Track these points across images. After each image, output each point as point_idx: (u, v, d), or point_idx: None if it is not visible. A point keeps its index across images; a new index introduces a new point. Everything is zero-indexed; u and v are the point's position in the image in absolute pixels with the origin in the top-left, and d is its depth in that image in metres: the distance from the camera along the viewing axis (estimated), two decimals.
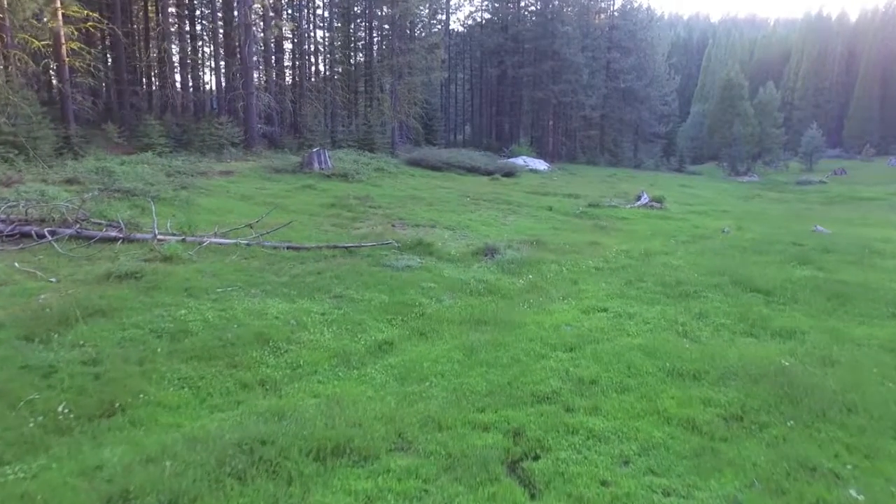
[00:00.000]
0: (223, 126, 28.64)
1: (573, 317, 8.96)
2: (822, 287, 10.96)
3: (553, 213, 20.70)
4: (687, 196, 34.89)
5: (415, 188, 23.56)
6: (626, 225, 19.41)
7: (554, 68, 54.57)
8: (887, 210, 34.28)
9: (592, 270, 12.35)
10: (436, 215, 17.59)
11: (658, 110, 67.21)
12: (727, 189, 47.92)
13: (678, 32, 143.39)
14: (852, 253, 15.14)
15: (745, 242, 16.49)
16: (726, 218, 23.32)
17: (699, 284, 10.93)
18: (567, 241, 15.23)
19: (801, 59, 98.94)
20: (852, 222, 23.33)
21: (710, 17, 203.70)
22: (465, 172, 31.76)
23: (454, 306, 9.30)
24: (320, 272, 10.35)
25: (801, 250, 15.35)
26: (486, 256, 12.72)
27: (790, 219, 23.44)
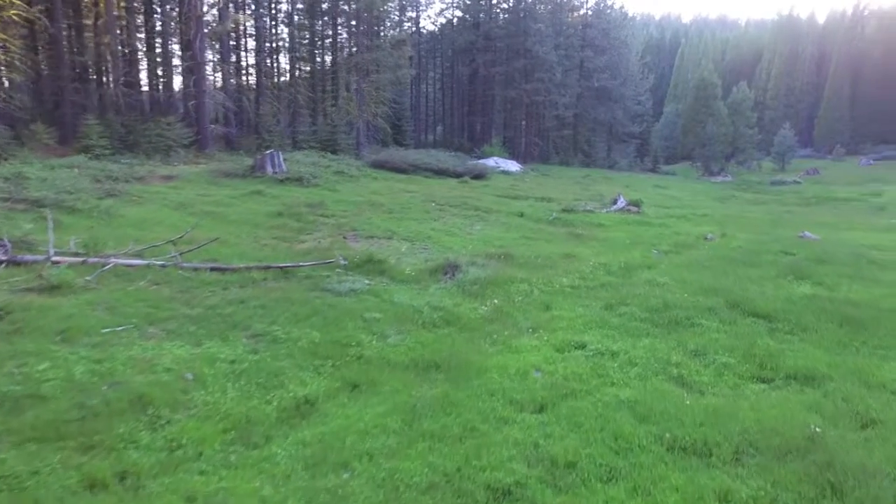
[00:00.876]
0: (172, 126, 26.64)
1: (545, 356, 7.36)
2: (829, 310, 9.53)
3: (524, 219, 19.15)
4: (663, 198, 33.67)
5: (376, 193, 21.85)
6: (603, 232, 17.94)
7: (526, 67, 53.19)
8: (867, 212, 33.42)
9: (567, 290, 10.79)
10: (395, 224, 15.92)
11: (632, 110, 66.31)
12: (702, 190, 46.97)
13: (650, 32, 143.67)
14: (848, 264, 13.82)
15: (732, 252, 15.11)
16: (707, 223, 22.00)
17: (690, 308, 9.43)
18: (539, 253, 13.67)
19: (772, 59, 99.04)
20: (838, 227, 22.17)
21: (681, 18, 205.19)
22: (432, 175, 30.11)
23: (401, 344, 7.64)
24: (243, 301, 8.63)
25: (794, 261, 14.00)
26: (445, 275, 11.10)
27: (774, 223, 22.20)
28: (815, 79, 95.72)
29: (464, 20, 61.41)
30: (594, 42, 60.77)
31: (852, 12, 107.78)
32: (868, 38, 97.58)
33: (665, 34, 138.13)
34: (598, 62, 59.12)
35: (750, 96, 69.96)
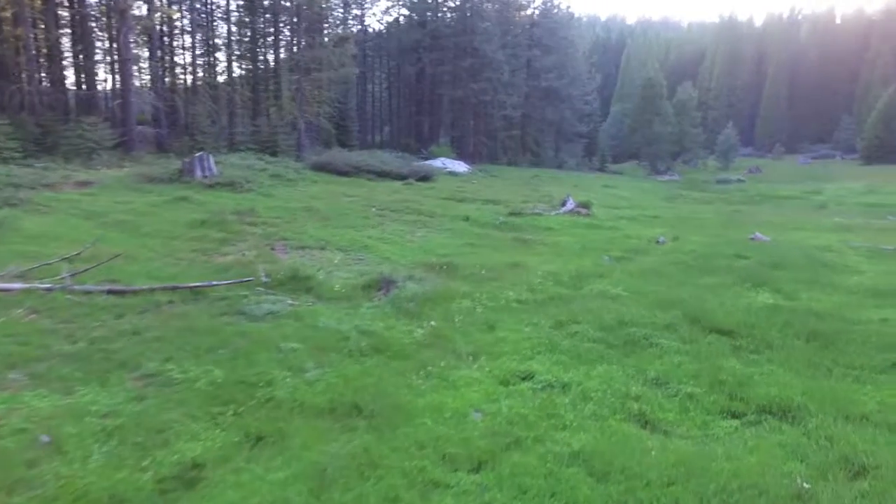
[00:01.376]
0: (94, 127, 24.80)
1: (486, 392, 6.37)
2: (793, 323, 8.84)
3: (470, 224, 18.22)
4: (612, 198, 33.29)
5: (313, 198, 20.59)
6: (552, 237, 17.14)
7: (473, 66, 52.42)
8: (810, 210, 33.76)
9: (514, 305, 9.84)
10: (330, 233, 14.75)
11: (579, 109, 66.31)
12: (650, 189, 47.05)
13: (597, 33, 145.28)
14: (803, 268, 13.34)
15: (686, 257, 14.47)
16: (658, 225, 21.51)
17: (648, 324, 8.59)
18: (484, 262, 12.72)
19: (714, 59, 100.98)
20: (786, 227, 21.96)
21: (626, 20, 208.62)
22: (375, 177, 28.97)
23: (320, 381, 6.53)
24: (138, 332, 7.39)
25: (749, 266, 13.43)
26: (380, 291, 10.02)
27: (724, 224, 21.85)
28: (755, 79, 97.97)
29: (410, 19, 60.31)
30: (541, 41, 60.51)
31: (788, 15, 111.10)
32: (803, 40, 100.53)
33: (611, 35, 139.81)
34: (545, 62, 58.88)
35: (694, 96, 70.94)
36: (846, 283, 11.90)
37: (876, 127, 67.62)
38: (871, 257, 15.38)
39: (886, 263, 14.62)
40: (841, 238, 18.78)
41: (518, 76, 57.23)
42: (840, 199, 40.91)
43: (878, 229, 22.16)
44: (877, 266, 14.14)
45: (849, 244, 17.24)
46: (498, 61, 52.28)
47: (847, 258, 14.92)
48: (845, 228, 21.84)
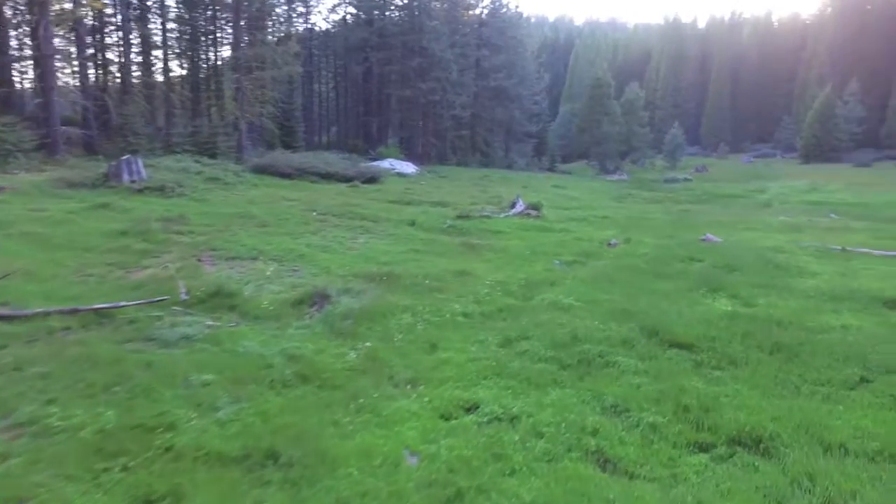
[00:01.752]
0: (11, 128, 23.06)
1: (424, 429, 5.58)
2: (754, 333, 8.33)
3: (416, 229, 17.40)
4: (562, 199, 32.94)
5: (251, 202, 19.46)
6: (502, 241, 16.47)
7: (422, 65, 51.61)
8: (756, 209, 34.07)
9: (459, 320, 9.08)
10: (264, 241, 13.72)
11: (529, 109, 66.23)
12: (600, 189, 47.08)
13: (545, 33, 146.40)
14: (757, 271, 12.99)
15: (639, 260, 14.00)
16: (609, 226, 21.11)
17: (603, 340, 7.95)
18: (429, 270, 11.94)
19: (660, 60, 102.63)
20: (736, 227, 21.83)
21: (574, 20, 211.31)
22: (319, 179, 27.88)
23: (233, 422, 5.63)
24: (20, 367, 6.34)
25: (704, 269, 13.01)
26: (313, 307, 9.13)
27: (675, 225, 21.59)
28: (699, 79, 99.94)
29: (357, 17, 59.11)
30: (490, 41, 60.09)
31: (730, 18, 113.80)
32: (745, 42, 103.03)
33: (559, 35, 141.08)
34: (494, 61, 58.47)
35: (642, 96, 71.74)
36: (802, 287, 11.55)
37: (813, 126, 69.53)
38: (821, 257, 15.19)
39: (837, 264, 14.43)
40: (790, 238, 18.67)
41: (467, 76, 56.68)
42: (783, 197, 41.59)
43: (824, 228, 22.25)
44: (828, 267, 13.92)
45: (799, 244, 17.10)
46: (446, 60, 51.60)
47: (799, 259, 14.68)
48: (793, 228, 21.86)
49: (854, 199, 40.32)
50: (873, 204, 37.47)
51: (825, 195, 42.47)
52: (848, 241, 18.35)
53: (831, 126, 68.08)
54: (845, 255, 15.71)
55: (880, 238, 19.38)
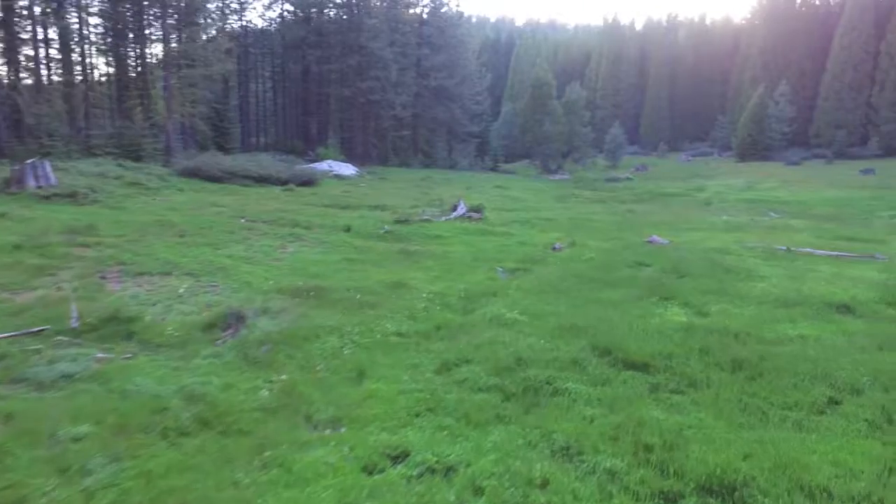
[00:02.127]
0: None
1: (343, 489, 4.63)
2: (712, 348, 7.69)
3: (351, 235, 16.39)
4: (505, 200, 32.36)
5: (173, 209, 18.08)
6: (442, 247, 15.62)
7: (361, 64, 50.45)
8: (697, 208, 34.25)
9: (392, 340, 8.17)
10: (182, 253, 12.49)
11: (471, 109, 65.72)
12: (542, 189, 46.86)
13: (486, 33, 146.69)
14: (707, 275, 12.49)
15: (585, 266, 13.35)
16: (553, 228, 20.53)
17: (551, 362, 7.15)
18: (362, 283, 10.98)
19: (600, 61, 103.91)
20: (680, 227, 21.58)
21: (515, 21, 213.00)
22: (252, 183, 26.51)
23: (103, 492, 4.56)
24: None
25: (653, 275, 12.45)
26: (226, 331, 8.06)
27: (620, 226, 21.16)
28: (638, 80, 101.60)
29: (295, 14, 57.39)
30: (431, 40, 59.32)
31: (667, 20, 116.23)
32: (681, 43, 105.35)
33: (500, 35, 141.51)
34: (435, 60, 57.72)
35: (583, 96, 72.16)
36: (753, 293, 11.07)
37: (748, 126, 71.31)
38: (767, 259, 14.88)
39: (784, 265, 14.12)
40: (735, 238, 18.43)
41: (407, 75, 55.74)
42: (722, 195, 42.15)
43: (766, 228, 22.23)
44: (776, 269, 13.57)
45: (744, 245, 16.82)
46: (386, 59, 50.56)
47: (746, 261, 14.31)
48: (736, 227, 21.74)
49: (789, 196, 41.17)
50: (808, 202, 38.26)
51: (761, 193, 43.28)
52: (791, 241, 18.23)
53: (764, 126, 69.95)
54: (790, 255, 15.47)
55: (821, 237, 19.37)
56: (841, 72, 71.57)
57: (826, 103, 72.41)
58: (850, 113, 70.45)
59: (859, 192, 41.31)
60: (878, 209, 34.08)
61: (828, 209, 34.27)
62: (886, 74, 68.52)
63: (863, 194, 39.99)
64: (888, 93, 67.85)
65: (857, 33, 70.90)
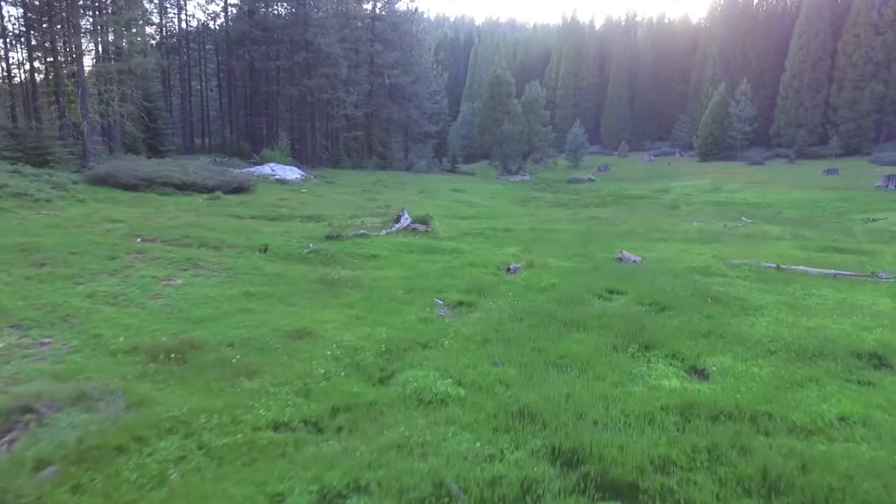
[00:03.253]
0: None
1: None
2: (727, 451, 5.26)
3: (267, 257, 13.66)
4: (460, 206, 29.91)
5: (54, 226, 15.07)
6: (374, 271, 13.03)
7: (308, 60, 47.53)
8: (664, 212, 32.33)
9: (262, 441, 5.52)
10: (25, 290, 9.62)
11: (427, 108, 63.25)
12: (502, 191, 44.61)
13: (445, 32, 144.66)
14: (693, 307, 10.19)
15: (544, 297, 10.90)
16: (509, 241, 18.09)
17: (487, 488, 4.64)
18: (253, 331, 8.34)
19: (559, 59, 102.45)
20: (650, 237, 19.37)
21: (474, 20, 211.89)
22: (174, 191, 23.52)
23: None
24: None
25: (627, 308, 10.10)
26: (4, 436, 5.35)
27: (585, 238, 18.80)
28: (598, 79, 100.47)
29: (239, 8, 53.99)
30: (384, 36, 56.61)
31: (626, 19, 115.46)
32: (641, 42, 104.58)
33: (459, 34, 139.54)
34: (388, 58, 55.02)
35: (542, 94, 70.32)
36: (755, 334, 8.75)
37: (709, 125, 70.33)
38: (757, 281, 12.66)
39: (777, 290, 11.91)
40: (713, 252, 16.24)
41: (359, 72, 52.96)
42: (688, 197, 40.47)
43: (744, 235, 20.21)
44: (771, 296, 11.33)
45: (727, 261, 14.60)
46: (335, 56, 47.67)
47: (735, 285, 12.05)
48: (711, 237, 19.63)
49: (756, 198, 39.69)
50: (776, 203, 36.76)
51: (728, 195, 41.75)
52: (776, 254, 16.15)
53: (726, 125, 69.01)
54: (781, 274, 13.29)
55: (806, 249, 17.35)
56: (800, 71, 71.14)
57: (786, 102, 71.92)
58: (809, 112, 70.04)
59: (826, 193, 40.05)
60: (849, 212, 32.65)
61: (798, 212, 32.71)
62: (844, 74, 68.25)
63: (830, 196, 38.73)
64: (846, 92, 67.57)
65: (814, 32, 70.53)
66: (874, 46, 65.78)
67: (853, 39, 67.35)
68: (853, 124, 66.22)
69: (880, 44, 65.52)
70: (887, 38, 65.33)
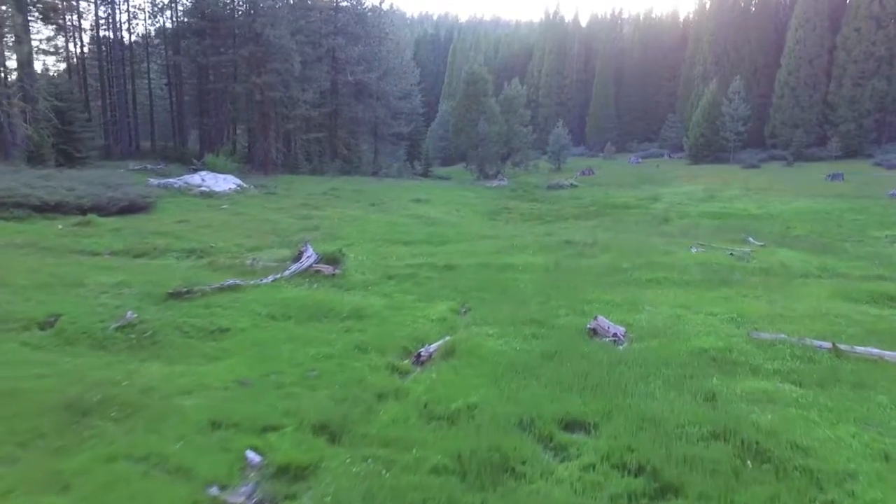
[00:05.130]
0: None
1: None
2: None
3: (48, 338, 8.74)
4: (412, 224, 25.01)
5: None
6: (197, 366, 8.06)
7: (256, 55, 42.42)
8: (653, 227, 27.66)
9: None
10: None
11: (397, 107, 58.24)
12: (472, 201, 39.70)
13: (426, 29, 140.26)
14: (723, 484, 5.34)
15: (447, 454, 5.99)
16: (445, 290, 13.13)
17: None
18: None
19: (542, 56, 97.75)
20: (639, 281, 14.48)
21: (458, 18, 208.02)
22: (30, 214, 18.48)
23: None
24: None
25: (595, 483, 5.22)
26: None
27: (549, 286, 13.80)
28: (583, 76, 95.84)
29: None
30: (346, 28, 51.60)
31: (611, 14, 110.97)
32: (627, 38, 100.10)
33: (441, 32, 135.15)
34: (350, 52, 49.99)
35: (522, 92, 65.52)
36: None
37: (700, 125, 65.87)
38: (814, 384, 7.86)
39: (857, 411, 7.09)
40: (728, 309, 11.41)
41: (317, 68, 47.92)
42: (681, 208, 35.79)
43: (760, 274, 15.44)
44: (841, 426, 6.53)
45: (752, 334, 9.77)
46: (287, 49, 42.62)
47: (781, 402, 7.22)
48: (719, 276, 14.77)
49: (757, 208, 35.06)
50: (781, 214, 32.17)
51: (725, 204, 37.10)
52: (810, 309, 11.44)
53: (718, 125, 64.56)
54: (846, 365, 8.51)
55: (851, 299, 12.61)
56: (796, 67, 66.74)
57: (781, 101, 67.49)
58: (806, 111, 65.63)
59: (834, 202, 35.45)
60: (867, 226, 28.07)
61: (809, 226, 28.08)
62: (843, 70, 63.90)
63: (841, 206, 34.13)
64: (846, 90, 63.23)
65: (811, 26, 66.14)
66: (875, 41, 61.41)
67: (853, 33, 62.94)
68: (853, 124, 61.84)
69: (882, 38, 61.14)
70: (889, 32, 60.99)
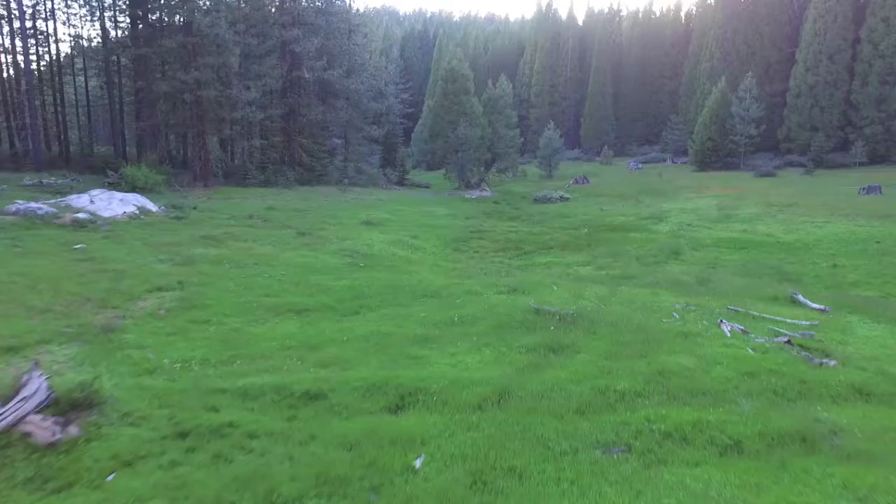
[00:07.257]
0: None
1: None
2: None
3: None
4: (329, 270, 18.33)
5: None
6: None
7: (186, 46, 35.77)
8: (660, 263, 21.06)
9: None
10: None
11: (368, 109, 51.58)
12: (440, 221, 33.02)
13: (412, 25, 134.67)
14: None
15: None
16: (268, 478, 6.58)
17: None
18: None
19: (534, 52, 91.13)
20: (647, 453, 7.82)
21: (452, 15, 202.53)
22: None
23: None
24: None
25: None
26: None
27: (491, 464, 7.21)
28: (578, 74, 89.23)
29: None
30: (304, 19, 44.96)
31: (608, 9, 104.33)
32: (625, 35, 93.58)
33: (430, 28, 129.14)
34: (307, 45, 43.33)
35: (509, 91, 58.79)
36: None
37: (707, 128, 59.19)
38: None
39: None
40: None
41: (265, 63, 41.28)
42: (692, 232, 29.19)
43: (855, 395, 8.80)
44: None
45: None
46: (224, 41, 35.98)
47: None
48: (798, 433, 8.14)
49: (785, 233, 28.42)
50: (819, 244, 25.55)
51: (745, 226, 30.46)
52: None
53: (727, 127, 57.92)
54: None
55: None
56: (814, 63, 60.03)
57: (798, 101, 60.79)
58: (826, 112, 58.97)
59: (883, 226, 28.75)
60: None
61: (863, 263, 21.51)
62: (869, 66, 57.17)
63: (892, 230, 27.52)
64: (871, 88, 56.53)
65: (831, 17, 59.42)
66: None
67: (880, 24, 56.29)
68: (880, 126, 55.23)
69: None
70: None
